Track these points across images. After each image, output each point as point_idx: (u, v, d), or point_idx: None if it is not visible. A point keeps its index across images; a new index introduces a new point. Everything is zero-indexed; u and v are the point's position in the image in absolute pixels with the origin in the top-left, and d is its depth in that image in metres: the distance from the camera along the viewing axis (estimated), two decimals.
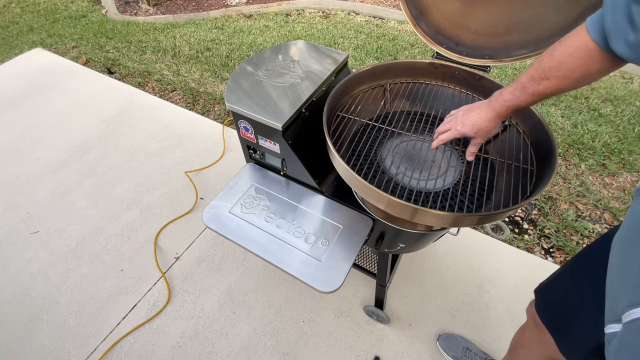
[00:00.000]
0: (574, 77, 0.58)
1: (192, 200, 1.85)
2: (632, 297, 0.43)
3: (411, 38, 3.10)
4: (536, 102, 0.66)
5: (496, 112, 0.70)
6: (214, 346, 1.37)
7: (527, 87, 0.64)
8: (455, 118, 0.78)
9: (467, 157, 0.81)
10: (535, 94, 0.64)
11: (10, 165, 2.06)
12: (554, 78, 0.60)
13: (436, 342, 1.35)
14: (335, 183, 1.04)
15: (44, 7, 3.75)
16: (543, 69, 0.60)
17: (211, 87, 2.63)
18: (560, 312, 0.76)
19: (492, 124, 0.73)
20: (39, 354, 1.36)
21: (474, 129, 0.74)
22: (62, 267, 1.61)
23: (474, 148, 0.79)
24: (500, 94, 0.70)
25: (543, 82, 0.61)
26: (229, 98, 0.93)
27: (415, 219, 0.70)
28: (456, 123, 0.77)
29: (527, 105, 0.68)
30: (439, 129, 0.81)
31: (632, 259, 0.46)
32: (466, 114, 0.76)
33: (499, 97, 0.70)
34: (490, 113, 0.72)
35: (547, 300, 0.82)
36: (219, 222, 0.96)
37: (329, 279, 0.85)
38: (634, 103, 2.41)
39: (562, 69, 0.58)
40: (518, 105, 0.67)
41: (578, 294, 0.71)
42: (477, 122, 0.73)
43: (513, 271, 1.56)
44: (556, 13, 0.81)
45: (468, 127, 0.74)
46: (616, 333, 0.45)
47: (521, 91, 0.65)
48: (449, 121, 0.79)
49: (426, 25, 0.99)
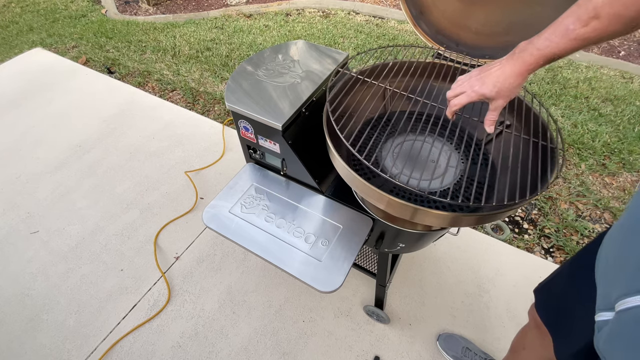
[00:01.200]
0: (628, 16, 0.50)
1: (192, 200, 1.85)
2: (627, 286, 0.43)
3: (411, 38, 3.10)
4: (575, 50, 0.55)
5: (525, 64, 0.59)
6: (214, 346, 1.37)
7: (571, 29, 0.53)
8: (469, 78, 0.67)
9: (486, 126, 0.68)
10: (578, 39, 0.53)
11: (10, 165, 2.06)
12: (605, 17, 0.50)
13: (436, 342, 1.35)
14: (335, 183, 1.04)
15: (44, 7, 3.75)
16: (594, 5, 0.51)
17: (211, 86, 2.63)
18: (559, 310, 0.75)
19: (518, 80, 0.61)
20: (39, 354, 1.36)
21: (496, 87, 0.62)
22: (62, 267, 1.61)
23: (495, 114, 0.66)
24: (529, 43, 0.59)
25: (592, 23, 0.51)
26: (229, 98, 0.92)
27: (415, 218, 0.70)
28: (471, 83, 0.65)
29: (565, 55, 0.56)
30: (449, 93, 0.70)
31: (632, 248, 0.45)
32: (483, 71, 0.65)
33: (529, 46, 0.58)
34: (517, 66, 0.60)
35: (546, 300, 0.81)
36: (219, 222, 0.96)
37: (329, 278, 0.85)
38: (634, 103, 2.41)
39: (616, 5, 0.49)
40: (554, 54, 0.56)
41: (576, 292, 0.70)
42: (500, 78, 0.62)
43: (513, 271, 1.56)
44: (556, 13, 0.81)
45: (488, 85, 0.63)
46: (607, 321, 0.45)
47: (562, 35, 0.54)
48: (460, 84, 0.68)
49: (426, 25, 0.99)
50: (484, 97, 0.64)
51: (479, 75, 0.65)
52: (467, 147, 0.90)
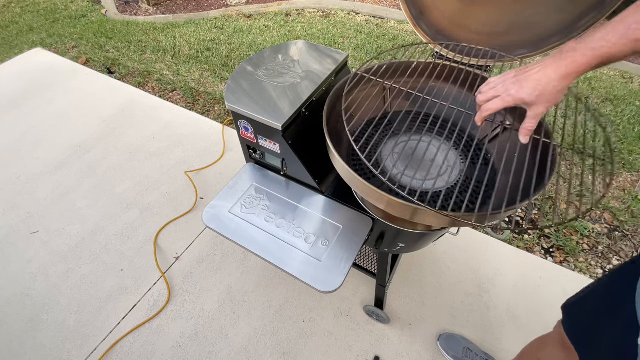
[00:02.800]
0: None
1: (192, 200, 1.85)
2: None
3: (411, 38, 3.10)
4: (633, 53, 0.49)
5: (574, 65, 0.52)
6: (214, 346, 1.37)
7: (633, 29, 0.47)
8: (504, 80, 0.60)
9: (521, 136, 0.61)
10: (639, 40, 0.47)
11: (10, 165, 2.06)
12: None
13: (437, 342, 1.35)
14: (335, 183, 1.04)
15: (44, 7, 3.75)
16: None
17: (211, 87, 2.63)
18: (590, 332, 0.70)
19: (562, 84, 0.54)
20: (39, 354, 1.36)
21: (537, 91, 0.55)
22: (62, 267, 1.61)
23: (533, 123, 0.59)
24: (580, 42, 0.52)
25: None
26: (229, 98, 0.92)
27: (415, 219, 0.70)
28: (507, 87, 0.58)
29: (620, 58, 0.50)
30: (480, 97, 0.64)
31: None
32: (521, 73, 0.57)
33: (580, 45, 0.52)
34: (564, 67, 0.52)
35: (576, 319, 0.75)
36: (219, 222, 0.96)
37: (329, 279, 0.85)
38: (634, 103, 2.41)
39: None
40: (610, 55, 0.50)
41: (612, 316, 0.65)
42: (542, 81, 0.54)
43: (513, 271, 1.56)
44: (557, 12, 0.81)
45: (527, 89, 0.55)
46: None
47: (621, 35, 0.48)
48: (492, 86, 0.62)
49: (426, 25, 0.99)
50: (522, 102, 0.58)
51: (516, 77, 0.58)
52: (467, 147, 0.90)
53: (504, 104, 0.59)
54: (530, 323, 1.41)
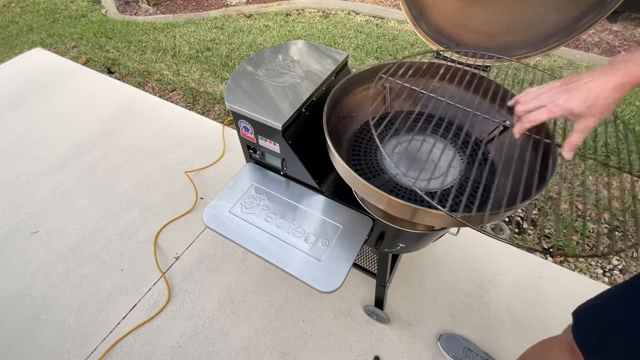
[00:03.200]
0: None
1: (192, 200, 1.85)
2: None
3: (411, 38, 3.10)
4: None
5: (628, 75, 0.49)
6: (214, 346, 1.37)
7: None
8: (549, 90, 0.56)
9: (564, 151, 0.56)
10: None
11: (10, 165, 2.06)
12: None
13: (437, 342, 1.35)
14: (335, 183, 1.04)
15: (44, 7, 3.75)
16: None
17: (211, 86, 2.63)
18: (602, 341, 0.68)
19: (615, 95, 0.51)
20: (39, 354, 1.36)
21: (587, 102, 0.51)
22: (62, 267, 1.61)
23: (580, 137, 0.54)
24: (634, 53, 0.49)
25: None
26: (229, 98, 0.92)
27: (415, 219, 0.70)
28: (554, 96, 0.55)
29: None
30: (520, 108, 0.60)
31: None
32: (569, 83, 0.54)
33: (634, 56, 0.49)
34: (618, 77, 0.49)
35: (588, 327, 0.73)
36: (219, 222, 0.96)
37: (329, 279, 0.85)
38: (634, 103, 2.41)
39: None
40: None
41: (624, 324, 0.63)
42: (593, 92, 0.51)
43: (513, 271, 1.56)
44: (557, 12, 0.81)
45: (577, 99, 0.52)
46: None
47: None
48: (536, 96, 0.58)
49: (426, 25, 0.99)
50: (570, 113, 0.53)
51: (564, 87, 0.54)
52: (466, 147, 0.90)
53: (550, 115, 0.55)
54: (530, 323, 1.41)
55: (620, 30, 3.23)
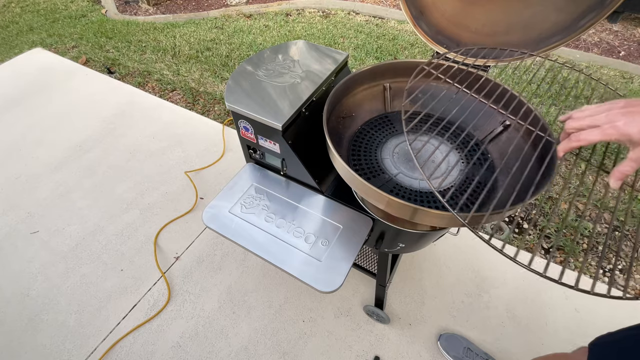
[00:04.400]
0: None
1: (192, 200, 1.85)
2: None
3: (411, 38, 3.10)
4: None
5: None
6: (214, 346, 1.37)
7: None
8: (609, 110, 0.51)
9: (612, 179, 0.51)
10: None
11: (10, 165, 2.06)
12: None
13: (437, 342, 1.35)
14: (335, 183, 1.04)
15: (44, 7, 3.75)
16: None
17: (211, 87, 2.63)
18: None
19: None
20: (39, 354, 1.36)
21: None
22: (62, 267, 1.61)
23: (632, 166, 0.49)
24: None
25: None
26: (229, 98, 0.92)
27: (415, 218, 0.70)
28: (612, 117, 0.49)
29: None
30: (571, 124, 0.55)
31: None
32: (633, 105, 0.48)
33: None
34: None
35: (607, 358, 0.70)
36: (219, 222, 0.96)
37: (329, 279, 0.85)
38: None
39: None
40: None
41: None
42: None
43: (513, 271, 1.56)
44: (556, 13, 0.81)
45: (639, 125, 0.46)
46: None
47: None
48: (590, 114, 0.53)
49: (426, 25, 0.99)
50: (628, 138, 0.48)
51: (627, 108, 0.48)
52: (466, 147, 0.90)
53: (603, 137, 0.50)
54: (530, 323, 1.41)
55: (620, 30, 3.23)
